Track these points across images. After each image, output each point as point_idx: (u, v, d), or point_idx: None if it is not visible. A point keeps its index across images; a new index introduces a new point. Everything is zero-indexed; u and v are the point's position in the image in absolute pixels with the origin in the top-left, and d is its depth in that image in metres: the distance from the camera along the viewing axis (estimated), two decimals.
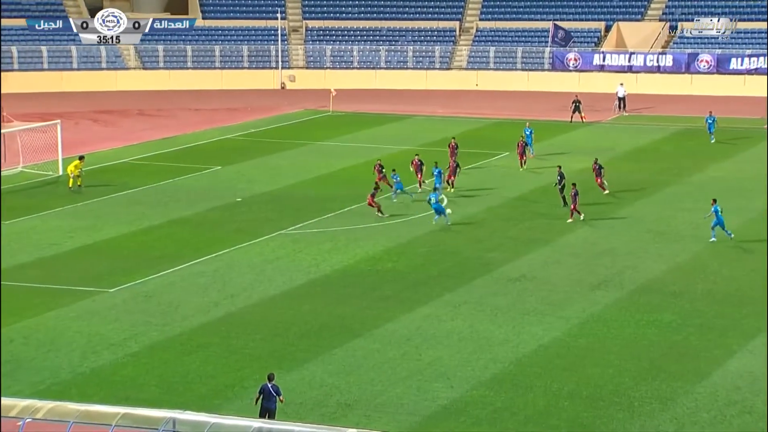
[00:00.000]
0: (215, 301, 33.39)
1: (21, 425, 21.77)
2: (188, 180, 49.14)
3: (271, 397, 24.21)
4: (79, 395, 25.76)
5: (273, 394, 24.25)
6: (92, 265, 36.49)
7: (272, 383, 24.41)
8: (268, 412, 24.13)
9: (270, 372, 25.08)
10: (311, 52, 77.50)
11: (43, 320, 31.30)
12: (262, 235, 39.47)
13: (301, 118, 65.44)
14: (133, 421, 21.96)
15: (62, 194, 45.51)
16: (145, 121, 63.62)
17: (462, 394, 26.80)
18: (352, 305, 33.21)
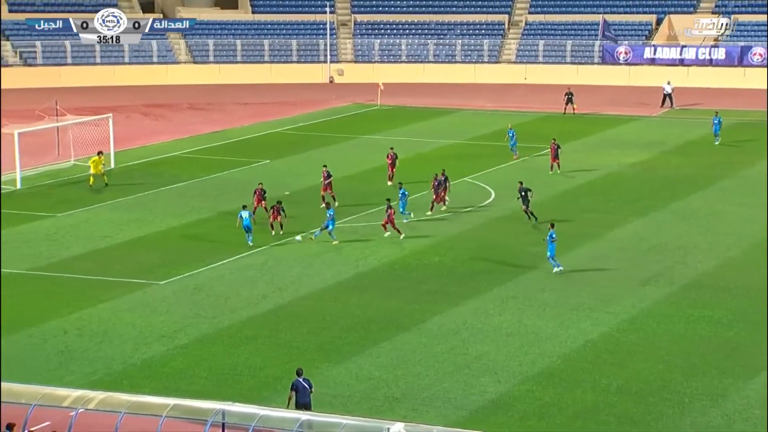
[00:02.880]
0: (264, 293, 33.64)
1: (73, 415, 22.11)
2: (237, 173, 49.49)
3: (306, 391, 24.33)
4: (131, 386, 26.10)
5: (306, 388, 24.35)
6: (143, 258, 36.92)
7: (303, 377, 24.52)
8: (304, 406, 24.21)
9: (298, 367, 25.08)
10: (360, 46, 77.60)
11: (96, 312, 31.73)
12: (310, 228, 39.65)
13: (349, 112, 65.58)
14: (183, 412, 22.22)
15: (114, 187, 46.01)
16: (195, 115, 64.14)
17: (509, 389, 26.75)
18: (400, 299, 33.27)
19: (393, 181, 46.22)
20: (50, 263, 35.99)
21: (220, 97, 69.33)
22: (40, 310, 31.78)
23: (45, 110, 51.62)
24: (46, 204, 43.54)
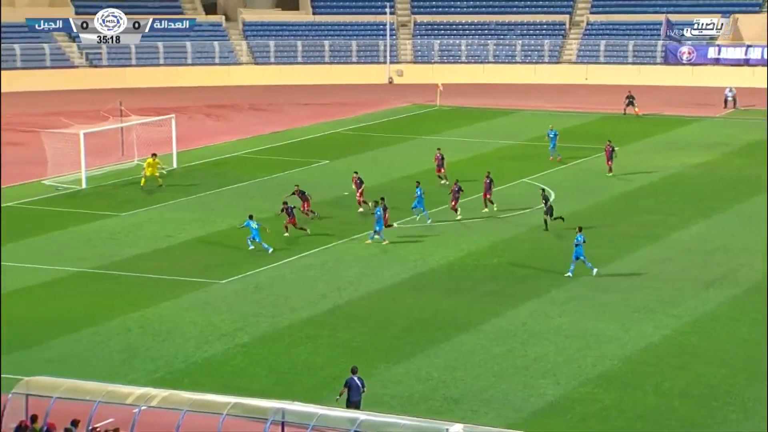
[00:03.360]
0: (323, 293, 33.81)
1: (136, 413, 22.42)
2: (297, 174, 49.78)
3: (358, 389, 24.46)
4: (192, 384, 26.39)
5: (359, 386, 24.48)
6: (205, 257, 37.32)
7: (357, 376, 24.63)
8: (355, 404, 24.34)
9: (353, 365, 25.20)
10: (419, 46, 77.62)
11: (158, 310, 32.15)
12: (369, 228, 39.76)
13: (408, 113, 65.63)
14: (243, 410, 22.42)
15: (176, 187, 46.54)
16: (256, 116, 64.67)
17: (569, 391, 26.58)
18: (458, 300, 33.23)
19: (447, 180, 46.35)
20: (114, 262, 36.54)
21: (280, 97, 69.81)
22: (104, 308, 32.29)
23: (110, 111, 52.40)
24: (111, 203, 44.21)
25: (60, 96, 66.97)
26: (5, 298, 32.93)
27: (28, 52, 70.25)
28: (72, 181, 46.66)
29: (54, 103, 63.91)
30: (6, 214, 42.44)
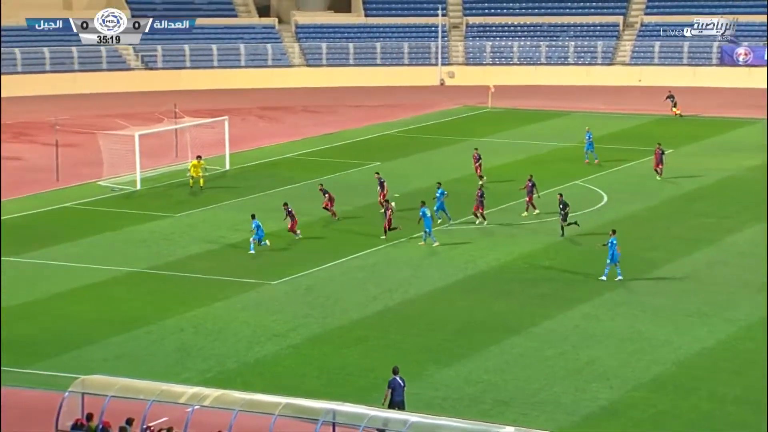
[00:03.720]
0: (373, 295, 33.89)
1: (189, 412, 22.64)
2: (349, 175, 49.96)
3: (401, 389, 24.53)
4: (244, 384, 26.58)
5: (402, 386, 24.55)
6: (256, 258, 37.58)
7: (399, 375, 24.69)
8: (398, 404, 24.39)
9: (395, 365, 25.22)
10: (471, 48, 77.47)
11: (211, 310, 32.44)
12: (420, 230, 39.77)
13: (460, 115, 65.53)
14: (294, 411, 22.55)
15: (229, 188, 46.91)
16: (308, 118, 64.98)
17: (622, 395, 26.37)
18: (509, 302, 33.12)
19: (483, 180, 46.64)
20: (168, 262, 36.94)
21: (332, 99, 70.09)
22: (159, 308, 32.66)
23: (164, 113, 52.99)
24: (164, 204, 44.70)
25: (116, 98, 67.85)
26: (62, 296, 33.45)
27: (85, 55, 71.26)
28: (127, 182, 47.24)
29: (110, 105, 64.76)
30: (64, 214, 43.11)
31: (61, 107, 62.75)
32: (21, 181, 47.96)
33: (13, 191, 45.93)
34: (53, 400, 24.18)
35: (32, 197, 45.22)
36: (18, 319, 31.56)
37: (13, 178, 48.61)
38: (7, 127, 59.47)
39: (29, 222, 41.66)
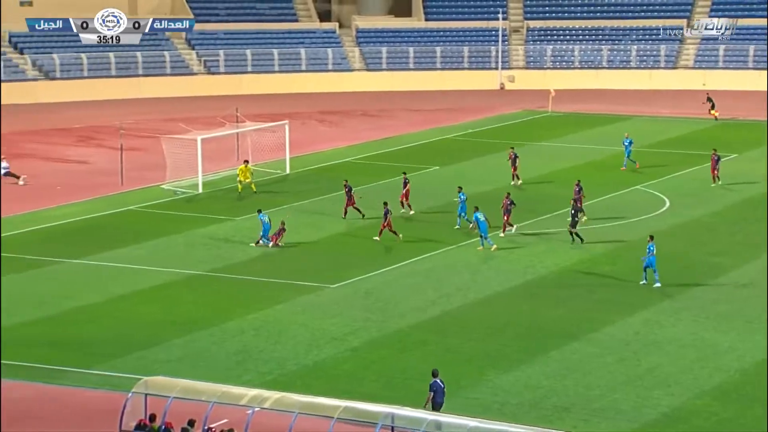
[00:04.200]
0: (432, 299, 33.90)
1: (250, 414, 22.86)
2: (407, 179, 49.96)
3: (442, 391, 24.62)
4: (303, 387, 26.76)
5: (443, 388, 24.66)
6: (316, 261, 37.81)
7: (440, 378, 24.82)
8: (439, 406, 24.46)
9: (434, 368, 25.30)
10: (531, 52, 77.12)
11: (271, 313, 32.72)
12: (478, 235, 39.68)
13: (520, 119, 65.27)
14: (353, 414, 22.66)
15: (289, 192, 47.23)
16: (367, 122, 65.20)
17: (684, 403, 26.08)
18: (569, 308, 32.92)
19: (515, 181, 46.68)
20: (229, 265, 37.32)
21: (391, 103, 70.22)
22: (220, 310, 33.02)
23: (226, 117, 53.54)
24: (226, 207, 45.17)
25: (179, 102, 68.73)
26: (126, 298, 33.99)
27: (149, 60, 72.33)
28: (189, 185, 47.82)
29: (173, 110, 65.61)
30: (127, 217, 43.77)
31: (126, 111, 63.76)
32: (87, 184, 48.81)
33: (79, 194, 46.77)
34: (117, 400, 24.59)
35: (97, 200, 46.00)
36: (83, 320, 32.14)
37: (79, 181, 49.51)
38: (75, 131, 60.60)
39: (94, 224, 42.39)
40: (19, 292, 34.32)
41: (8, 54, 69.61)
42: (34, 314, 32.37)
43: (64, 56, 70.14)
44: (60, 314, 32.47)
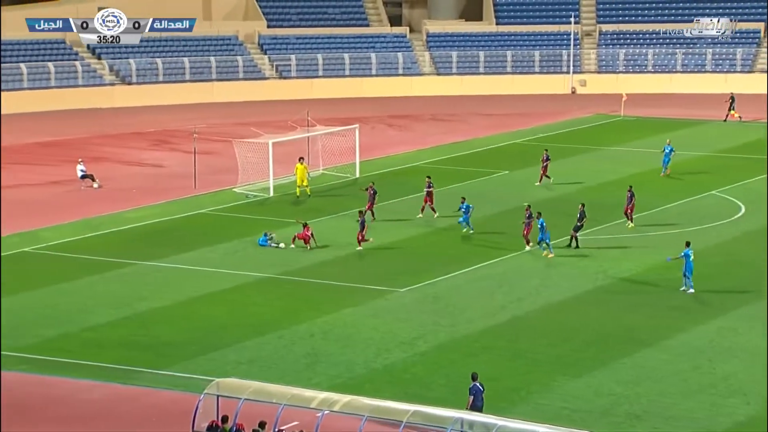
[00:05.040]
0: (501, 304, 33.78)
1: (320, 417, 23.01)
2: (477, 184, 49.90)
3: (480, 394, 24.65)
4: (373, 391, 26.83)
5: (482, 391, 24.69)
6: (385, 265, 37.92)
7: (479, 381, 24.86)
8: (478, 409, 24.43)
9: (473, 372, 25.37)
10: (604, 56, 76.38)
11: (341, 316, 32.89)
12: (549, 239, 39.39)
13: (591, 123, 64.67)
14: (423, 418, 22.67)
15: (360, 196, 47.41)
16: (437, 126, 65.18)
17: (760, 412, 25.61)
18: (641, 314, 32.54)
19: (542, 182, 46.52)
20: (299, 268, 37.60)
21: (461, 108, 70.12)
22: (290, 313, 33.29)
23: (297, 121, 53.96)
24: (297, 211, 45.52)
25: (251, 106, 69.46)
26: (199, 300, 34.45)
27: (222, 65, 73.24)
28: (261, 189, 48.29)
29: (245, 114, 66.34)
30: (200, 220, 44.33)
31: (200, 116, 64.64)
32: (161, 187, 49.59)
33: (154, 197, 47.54)
34: (190, 401, 24.95)
35: (171, 203, 46.70)
36: (156, 321, 32.66)
37: (154, 184, 50.33)
38: (150, 135, 61.63)
39: (168, 227, 43.05)
40: (96, 293, 35.00)
41: (86, 59, 71.08)
42: (110, 315, 32.98)
43: (141, 61, 71.39)
44: (134, 315, 33.04)
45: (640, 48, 76.00)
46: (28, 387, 27.87)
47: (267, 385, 24.51)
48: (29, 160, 55.17)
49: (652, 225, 41.14)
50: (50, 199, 47.40)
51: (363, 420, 22.56)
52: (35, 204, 46.48)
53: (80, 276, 36.43)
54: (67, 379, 28.30)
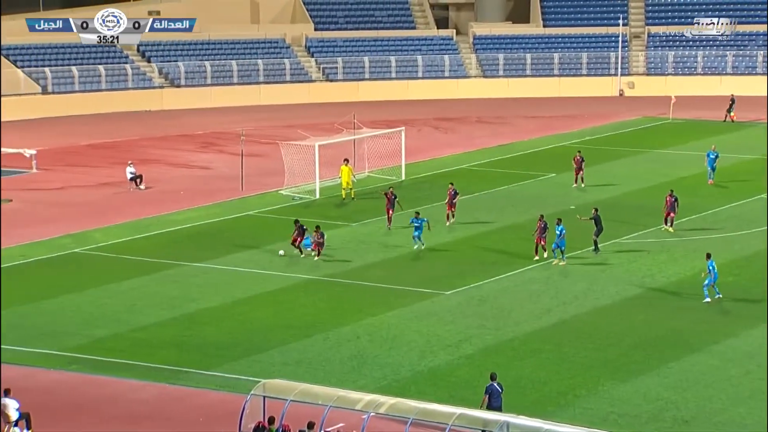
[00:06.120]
0: (547, 307, 33.65)
1: (365, 419, 23.08)
2: (523, 186, 49.73)
3: (498, 395, 24.57)
4: (418, 393, 26.84)
5: (499, 391, 24.61)
6: (430, 268, 37.91)
7: (497, 382, 24.76)
8: (495, 409, 24.34)
9: (492, 372, 25.35)
10: (652, 58, 75.75)
11: (386, 319, 32.95)
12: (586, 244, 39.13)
13: (639, 126, 64.17)
14: (468, 422, 22.65)
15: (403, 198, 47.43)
16: (483, 128, 65.04)
17: None
18: (689, 318, 32.25)
19: (578, 184, 46.22)
20: (345, 270, 37.72)
21: (508, 110, 69.90)
22: (336, 315, 33.42)
23: (343, 123, 54.14)
24: (342, 213, 45.68)
25: (298, 109, 69.80)
26: (246, 302, 34.72)
27: (269, 67, 73.72)
28: (307, 191, 48.53)
29: (292, 116, 66.68)
30: (247, 222, 44.67)
31: (247, 118, 65.11)
32: (209, 189, 50.00)
33: (201, 199, 47.96)
34: (236, 402, 25.16)
35: (218, 205, 47.08)
36: (204, 322, 32.95)
37: (202, 186, 50.77)
38: (198, 137, 62.19)
39: (215, 229, 43.40)
40: (145, 294, 35.40)
41: (136, 62, 71.90)
42: (158, 316, 33.34)
43: (189, 64, 72.06)
44: (182, 316, 33.36)
45: (689, 50, 75.23)
46: (78, 387, 28.26)
47: (313, 387, 24.62)
48: (80, 161, 55.93)
49: (699, 229, 40.71)
50: (100, 201, 48.01)
51: (408, 422, 22.59)
52: (86, 205, 47.11)
53: (129, 277, 36.85)
54: (117, 378, 28.65)
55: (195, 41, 73.03)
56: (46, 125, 64.25)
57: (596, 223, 38.59)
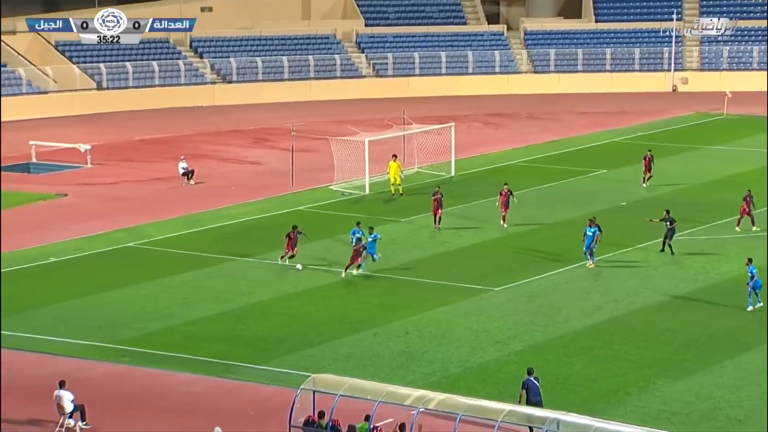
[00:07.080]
0: (598, 304, 33.41)
1: (414, 414, 23.11)
2: (574, 183, 49.41)
3: (537, 389, 24.38)
4: (467, 389, 26.87)
5: (537, 386, 24.40)
6: (479, 264, 37.83)
7: (534, 376, 24.55)
8: (534, 405, 24.14)
9: (529, 366, 25.21)
10: (707, 53, 74.80)
11: (435, 314, 32.95)
12: (647, 240, 38.83)
13: (692, 122, 63.44)
14: (518, 419, 22.61)
15: (453, 194, 47.37)
16: (533, 124, 64.72)
17: None
18: (743, 317, 31.85)
19: (647, 183, 45.68)
20: (393, 266, 37.76)
21: (558, 106, 69.46)
22: (385, 310, 33.48)
23: (393, 119, 54.19)
24: (391, 209, 45.73)
25: (348, 105, 69.96)
26: (295, 297, 34.91)
27: (320, 63, 73.96)
28: (357, 186, 48.65)
29: (342, 112, 66.86)
30: (297, 217, 44.78)
31: (298, 114, 65.41)
32: (260, 184, 50.33)
33: (252, 194, 48.30)
34: (287, 396, 25.31)
35: (269, 200, 47.37)
36: (255, 317, 33.20)
37: (253, 181, 51.13)
38: (249, 133, 62.63)
39: (265, 224, 43.66)
40: (196, 288, 35.74)
41: (189, 58, 72.55)
42: (210, 310, 33.64)
43: (241, 60, 72.54)
44: (234, 310, 33.63)
45: (744, 45, 74.17)
46: (131, 379, 28.62)
47: (362, 382, 24.71)
48: (134, 156, 56.59)
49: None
50: (153, 196, 48.54)
51: (457, 418, 22.59)
52: (139, 200, 47.66)
53: (181, 271, 37.22)
54: (168, 372, 28.97)
55: (246, 37, 73.49)
56: (100, 121, 65.09)
57: (669, 223, 37.66)
